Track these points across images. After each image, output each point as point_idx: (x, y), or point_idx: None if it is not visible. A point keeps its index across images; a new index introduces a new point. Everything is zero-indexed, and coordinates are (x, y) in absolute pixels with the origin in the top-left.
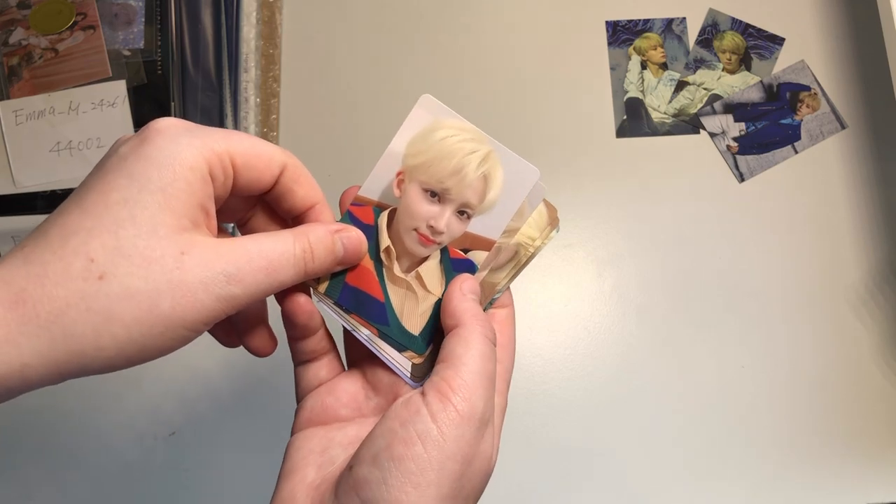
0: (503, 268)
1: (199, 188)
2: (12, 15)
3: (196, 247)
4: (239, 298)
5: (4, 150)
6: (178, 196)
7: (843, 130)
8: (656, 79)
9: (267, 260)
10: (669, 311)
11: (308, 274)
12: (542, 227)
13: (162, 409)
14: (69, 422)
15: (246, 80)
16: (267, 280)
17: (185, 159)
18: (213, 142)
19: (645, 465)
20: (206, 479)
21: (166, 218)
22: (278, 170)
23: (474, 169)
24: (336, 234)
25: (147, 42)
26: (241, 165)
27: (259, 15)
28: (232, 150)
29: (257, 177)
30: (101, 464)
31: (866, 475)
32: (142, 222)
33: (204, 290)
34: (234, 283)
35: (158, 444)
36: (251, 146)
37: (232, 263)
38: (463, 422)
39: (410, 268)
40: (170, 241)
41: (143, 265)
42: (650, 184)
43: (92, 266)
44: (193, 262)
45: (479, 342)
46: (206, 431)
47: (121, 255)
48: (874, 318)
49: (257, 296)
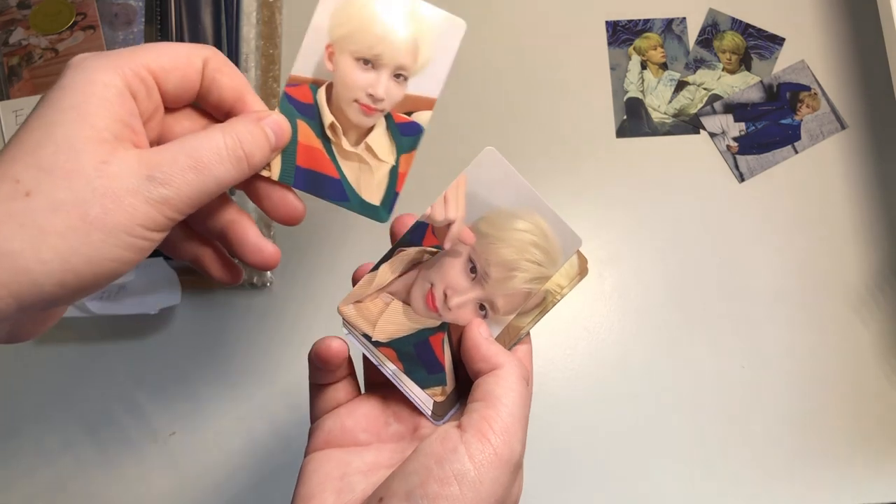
0: (529, 313)
1: (115, 102)
2: (12, 15)
3: (116, 156)
4: (172, 200)
5: None
6: (92, 112)
7: (843, 130)
8: (656, 79)
9: (193, 158)
10: (669, 311)
11: (249, 166)
12: (571, 276)
13: (162, 409)
14: (69, 422)
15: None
16: (198, 178)
17: (95, 78)
18: (125, 59)
19: (645, 465)
20: (206, 479)
21: (83, 132)
22: (200, 63)
23: (401, 29)
24: (261, 121)
25: (147, 42)
26: (160, 70)
27: (259, 15)
28: (147, 61)
29: (181, 76)
30: (101, 464)
31: (866, 475)
32: (58, 138)
33: (130, 194)
34: (160, 184)
35: (158, 444)
36: (166, 49)
37: (155, 166)
38: (501, 464)
39: (358, 140)
40: (89, 153)
41: (65, 177)
42: (650, 184)
43: (18, 186)
44: (115, 168)
45: (518, 385)
46: (206, 431)
47: (42, 172)
48: (874, 318)
49: (193, 196)
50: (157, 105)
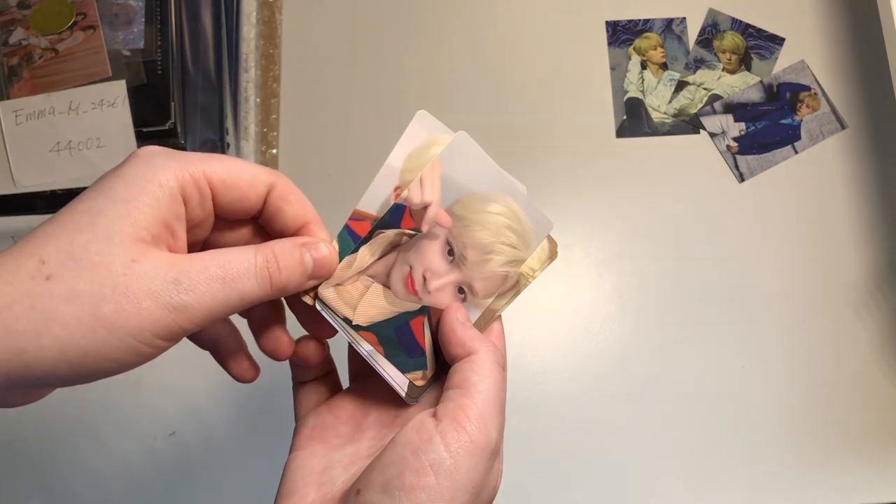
0: (504, 295)
1: (165, 205)
2: (12, 15)
3: (149, 257)
4: (192, 308)
5: (4, 151)
6: (141, 209)
7: (843, 130)
8: (656, 79)
9: (223, 269)
10: (669, 311)
11: (276, 285)
12: (542, 259)
13: (162, 409)
14: (68, 422)
15: (246, 80)
16: (223, 290)
17: (154, 176)
18: (188, 162)
19: (645, 465)
20: (206, 479)
21: (124, 227)
22: (264, 189)
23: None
24: (303, 247)
25: (147, 42)
26: (220, 185)
27: (259, 15)
28: (209, 171)
29: (240, 196)
30: (101, 464)
31: (866, 475)
32: (99, 229)
33: (150, 297)
34: (184, 291)
35: (158, 444)
36: (232, 166)
37: (184, 272)
38: (477, 452)
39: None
40: (122, 249)
41: (91, 268)
42: (650, 184)
43: (42, 267)
44: (142, 269)
45: (493, 370)
46: (206, 431)
47: (71, 259)
48: (874, 318)
49: (215, 308)
50: (208, 214)
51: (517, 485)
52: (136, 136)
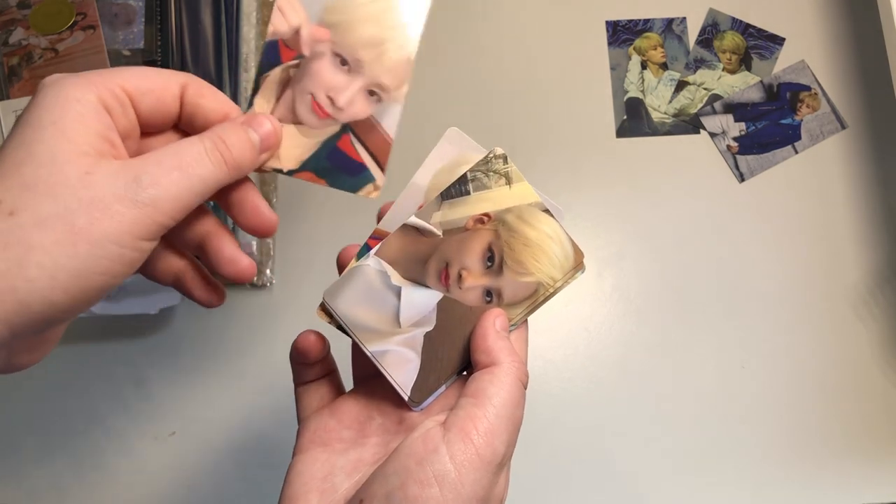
0: (520, 304)
1: (92, 118)
2: (12, 15)
3: (100, 165)
4: (162, 200)
5: None
6: (71, 126)
7: (843, 130)
8: (656, 79)
9: (177, 158)
10: (669, 312)
11: (230, 164)
12: (566, 269)
13: (162, 409)
14: (68, 422)
15: (246, 80)
16: (184, 177)
17: (69, 94)
18: (97, 77)
19: (645, 465)
20: (206, 479)
21: (63, 145)
22: (178, 88)
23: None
24: (245, 124)
25: (147, 42)
26: (136, 92)
27: (259, 15)
28: (121, 80)
29: (157, 99)
30: (101, 464)
31: (866, 475)
32: (40, 154)
33: (118, 200)
34: (148, 185)
35: (158, 444)
36: (142, 72)
37: (141, 170)
38: (483, 465)
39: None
40: (72, 165)
41: (48, 192)
42: (650, 184)
43: (1, 206)
44: (99, 178)
45: (513, 386)
46: (205, 432)
47: (26, 189)
48: (874, 318)
49: (182, 196)
50: (133, 124)
51: (517, 485)
52: None
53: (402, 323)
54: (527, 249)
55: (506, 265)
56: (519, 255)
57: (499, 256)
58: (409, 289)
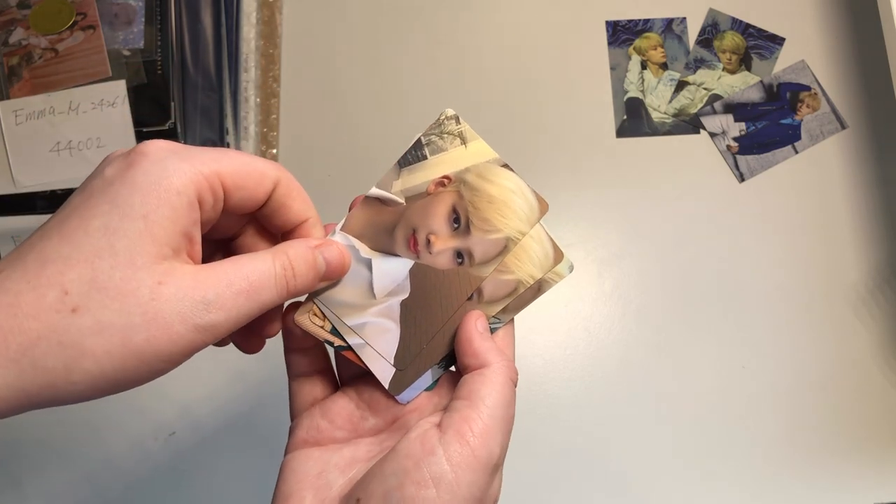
0: (499, 301)
1: (184, 214)
2: (12, 15)
3: (174, 276)
4: (220, 325)
5: (4, 150)
6: (160, 223)
7: (843, 130)
8: (656, 79)
9: (247, 282)
10: (669, 311)
11: (291, 291)
12: (532, 221)
13: (162, 409)
14: (68, 422)
15: (246, 80)
16: (248, 303)
17: (171, 184)
18: (201, 164)
19: (645, 465)
20: (206, 479)
21: (146, 247)
22: (271, 185)
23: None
24: (316, 249)
25: (147, 42)
26: (232, 185)
27: (259, 15)
28: (222, 171)
29: (249, 195)
30: (101, 464)
31: (867, 475)
32: (120, 252)
33: (181, 321)
34: (213, 309)
35: (158, 445)
36: (242, 164)
37: (211, 289)
38: (479, 467)
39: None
40: (147, 272)
41: (118, 298)
42: (650, 184)
43: (66, 298)
44: (170, 291)
45: (504, 386)
46: (205, 432)
47: (95, 288)
48: (874, 318)
49: (240, 319)
50: (217, 215)
51: (517, 485)
52: (136, 136)
53: (376, 293)
54: (491, 206)
55: (472, 224)
56: (484, 213)
57: (464, 217)
58: (380, 259)
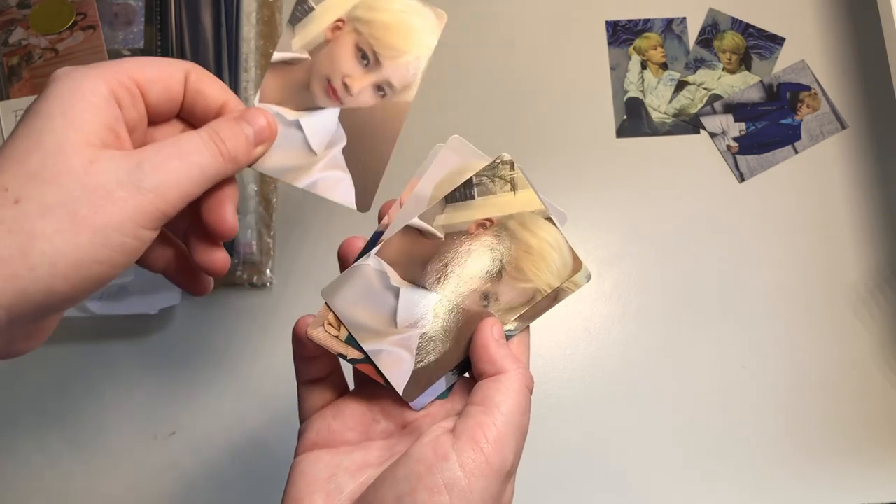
0: (516, 309)
1: (102, 109)
2: (12, 15)
3: (104, 154)
4: (164, 187)
5: None
6: (80, 116)
7: (843, 130)
8: (656, 79)
9: (176, 147)
10: (669, 311)
11: (227, 156)
12: (563, 276)
13: (162, 409)
14: (69, 422)
15: (246, 80)
16: (184, 165)
17: (82, 85)
18: (108, 68)
19: (645, 465)
20: (206, 479)
21: (70, 135)
22: (182, 75)
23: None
24: (239, 119)
25: (147, 42)
26: (144, 80)
27: (259, 15)
28: (131, 70)
29: (164, 87)
30: (100, 463)
31: (867, 475)
32: (48, 144)
33: (120, 186)
34: (150, 172)
35: (158, 444)
36: (150, 62)
37: (143, 157)
38: (492, 474)
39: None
40: (77, 154)
41: (53, 180)
42: (650, 184)
43: (6, 194)
44: (103, 165)
45: (519, 393)
46: (205, 432)
47: (31, 178)
48: (874, 318)
49: (182, 183)
50: (142, 115)
51: (517, 485)
52: None
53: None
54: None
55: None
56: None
57: (370, 51)
58: (307, 116)
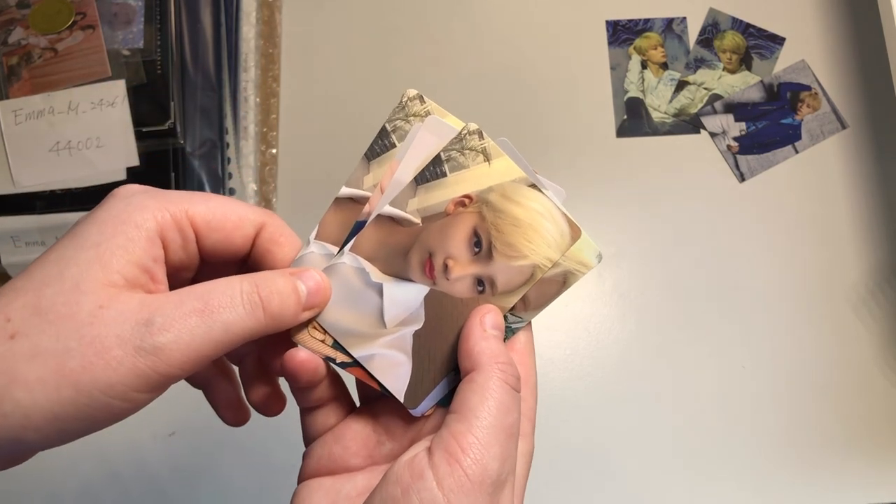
0: (515, 292)
1: (141, 247)
2: (12, 14)
3: (118, 300)
4: (169, 350)
5: (4, 150)
6: (112, 251)
7: (843, 130)
8: (657, 78)
9: (202, 301)
10: (669, 311)
11: (269, 315)
12: (562, 247)
13: (162, 409)
14: None
15: (246, 80)
16: (204, 324)
17: (129, 217)
18: (169, 202)
19: (645, 465)
20: (206, 479)
21: (94, 273)
22: (253, 230)
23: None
24: (293, 275)
25: (147, 42)
26: (204, 226)
27: (259, 15)
28: (192, 211)
29: (226, 237)
30: (100, 463)
31: (867, 475)
32: (67, 279)
33: (119, 344)
34: (157, 331)
35: (158, 444)
36: (218, 205)
37: (158, 311)
38: (473, 488)
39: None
40: (91, 296)
41: (56, 322)
42: (650, 184)
43: (7, 325)
44: (111, 315)
45: (498, 391)
46: (205, 432)
47: (36, 313)
48: (874, 318)
49: (195, 345)
50: (192, 258)
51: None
52: (135, 136)
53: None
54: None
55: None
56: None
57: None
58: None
